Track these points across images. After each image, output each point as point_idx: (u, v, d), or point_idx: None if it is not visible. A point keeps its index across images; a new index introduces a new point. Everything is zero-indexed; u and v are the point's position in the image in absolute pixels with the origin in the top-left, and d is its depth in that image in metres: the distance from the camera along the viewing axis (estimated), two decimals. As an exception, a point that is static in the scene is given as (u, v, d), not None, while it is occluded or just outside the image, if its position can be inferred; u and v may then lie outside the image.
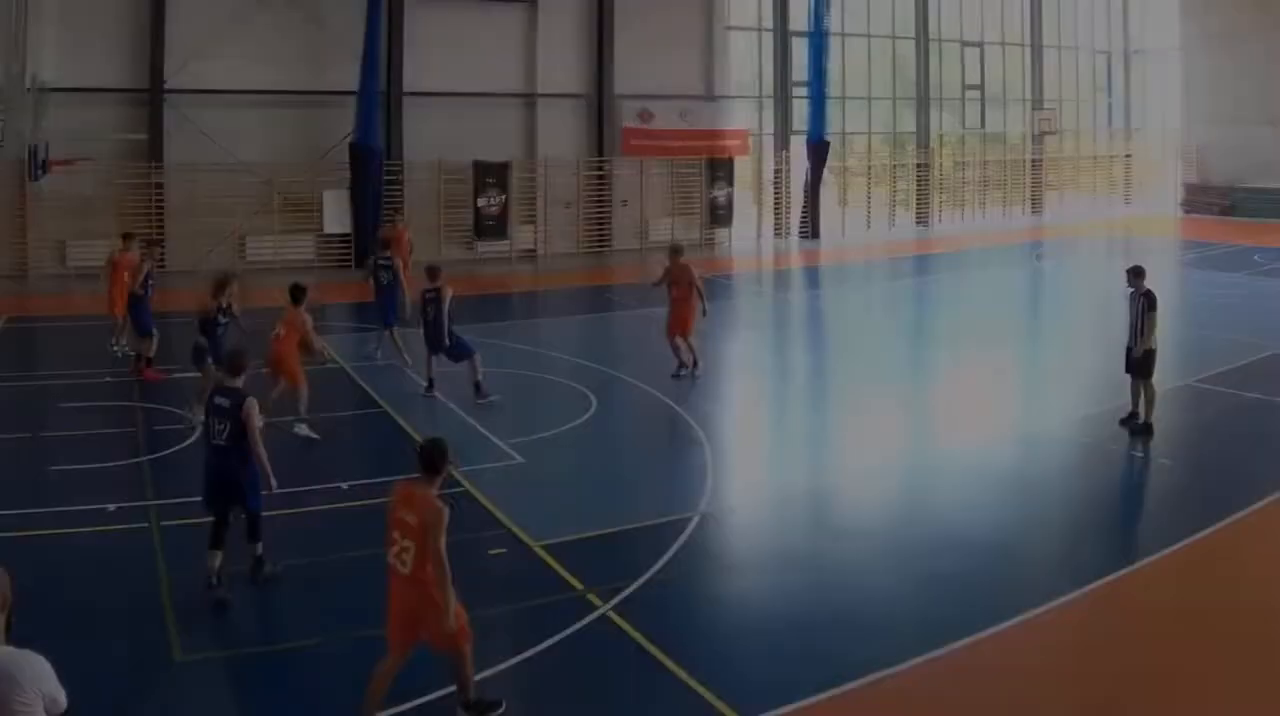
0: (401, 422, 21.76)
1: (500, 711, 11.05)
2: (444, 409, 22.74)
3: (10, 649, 6.58)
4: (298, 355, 20.90)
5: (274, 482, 14.10)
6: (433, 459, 10.76)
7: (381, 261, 27.49)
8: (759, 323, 35.55)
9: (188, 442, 19.55)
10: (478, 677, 11.09)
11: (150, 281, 25.93)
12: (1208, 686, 11.90)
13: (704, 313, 25.25)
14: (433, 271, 23.85)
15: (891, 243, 54.82)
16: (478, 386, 23.01)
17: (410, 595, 10.53)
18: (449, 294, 23.33)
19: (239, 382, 14.29)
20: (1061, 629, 13.24)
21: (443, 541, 10.31)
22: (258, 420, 13.98)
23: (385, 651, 10.64)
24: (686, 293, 25.04)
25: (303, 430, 20.44)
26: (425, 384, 23.66)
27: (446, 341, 23.28)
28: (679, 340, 25.08)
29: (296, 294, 21.20)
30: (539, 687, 11.84)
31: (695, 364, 25.17)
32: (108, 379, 24.70)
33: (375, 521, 14.71)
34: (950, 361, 29.17)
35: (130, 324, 26.19)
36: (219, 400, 14.13)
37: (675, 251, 26.22)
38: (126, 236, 28.18)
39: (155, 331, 25.51)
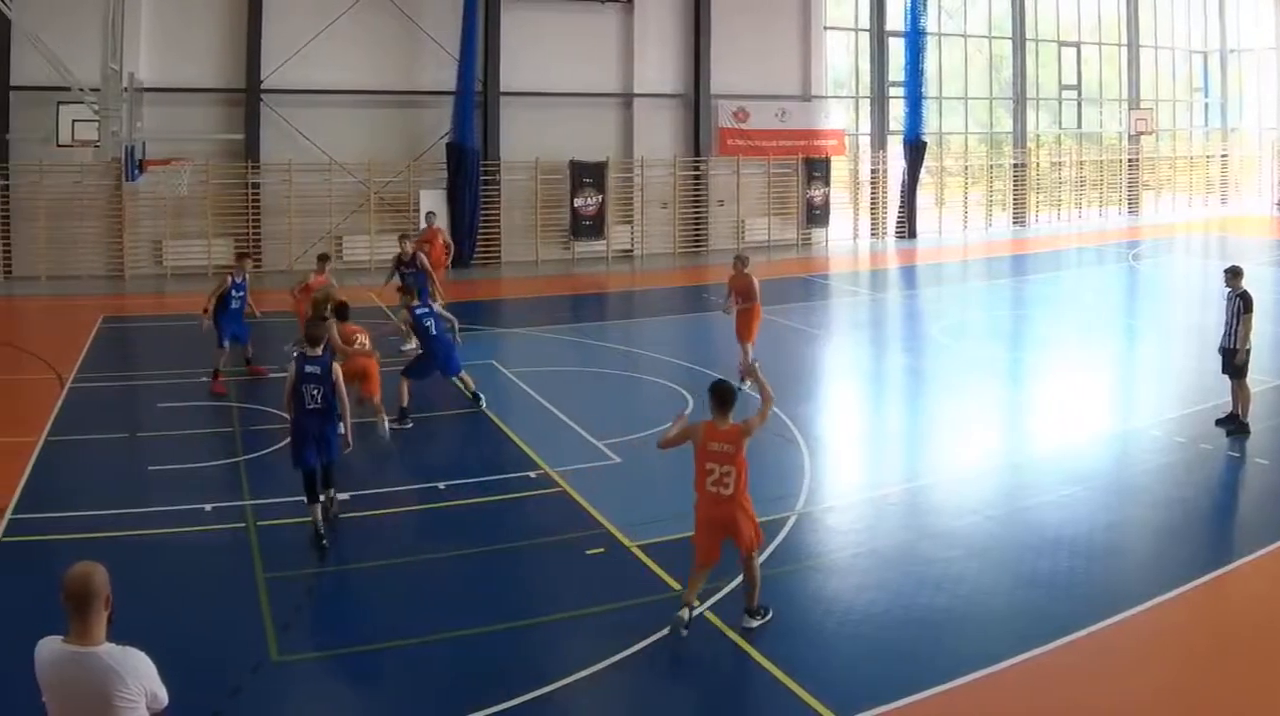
0: (499, 423, 20.79)
1: (769, 617, 12.46)
2: (539, 408, 21.94)
3: (113, 646, 6.42)
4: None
5: (350, 439, 15.49)
6: (727, 396, 12.53)
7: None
8: (855, 323, 33.91)
9: (284, 443, 18.03)
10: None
11: (239, 293, 24.14)
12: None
13: (725, 311, 24.33)
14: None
15: (988, 243, 52.60)
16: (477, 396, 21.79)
17: (728, 510, 12.19)
18: None
19: (319, 351, 15.20)
20: (1158, 630, 12.69)
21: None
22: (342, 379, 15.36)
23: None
24: (749, 302, 23.71)
25: (386, 426, 19.28)
26: (473, 396, 21.87)
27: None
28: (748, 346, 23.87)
29: (341, 312, 19.84)
30: (636, 687, 11.51)
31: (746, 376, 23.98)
32: (204, 379, 23.65)
33: (473, 521, 15.74)
34: (1046, 360, 27.84)
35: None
36: (309, 368, 15.04)
37: (739, 261, 24.42)
38: (323, 258, 26.15)
39: (227, 346, 23.73)
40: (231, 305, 23.89)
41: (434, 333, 21.20)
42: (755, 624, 12.32)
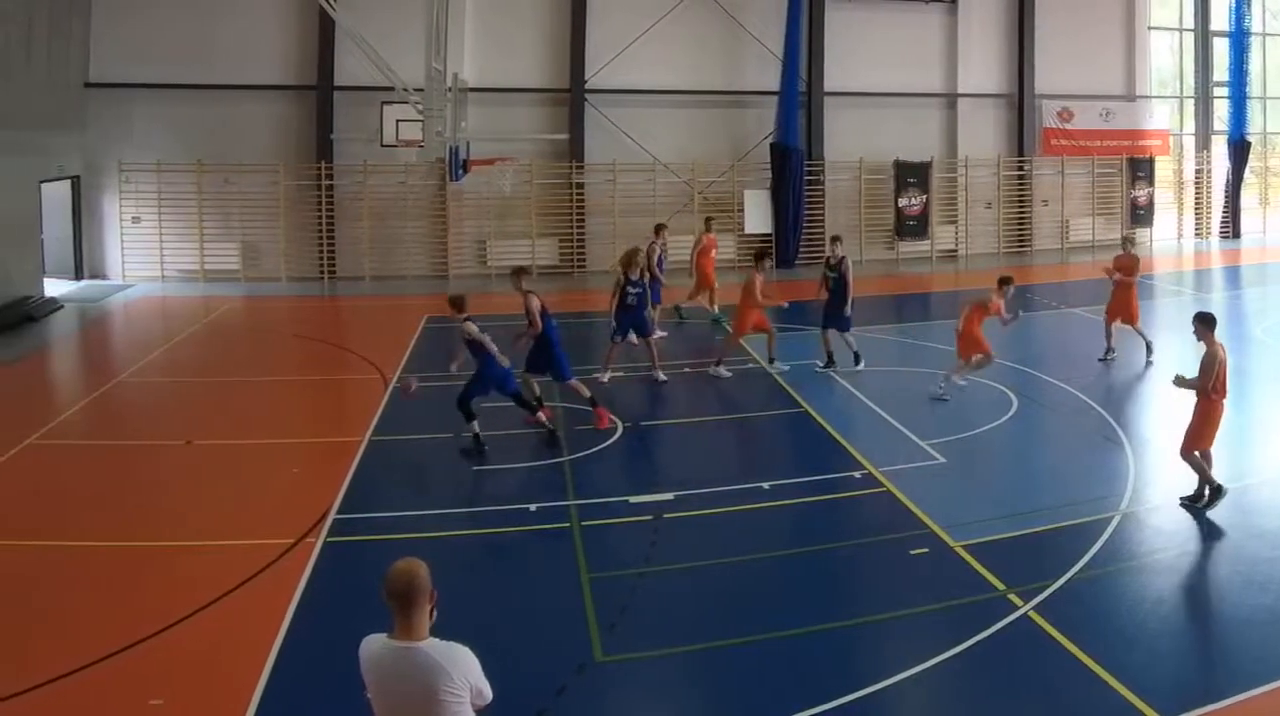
0: (823, 423, 17.78)
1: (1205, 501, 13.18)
2: (864, 408, 18.83)
3: (437, 641, 5.72)
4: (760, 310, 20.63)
5: (501, 357, 15.91)
6: (1210, 319, 13.34)
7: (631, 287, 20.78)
8: (1179, 322, 26.19)
9: (608, 443, 16.72)
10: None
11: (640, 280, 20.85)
12: None
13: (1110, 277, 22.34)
14: (837, 239, 21.80)
15: (1313, 244, 42.88)
16: (857, 355, 21.05)
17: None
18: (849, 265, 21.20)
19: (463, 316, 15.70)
20: None
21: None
22: (479, 333, 15.70)
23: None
24: (1130, 281, 21.78)
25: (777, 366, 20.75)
26: (825, 362, 21.06)
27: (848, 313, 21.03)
28: (1119, 326, 21.95)
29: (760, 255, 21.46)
30: (961, 686, 9.57)
31: (1149, 350, 21.96)
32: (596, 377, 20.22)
33: (797, 521, 13.77)
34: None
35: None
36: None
37: (1127, 241, 23.25)
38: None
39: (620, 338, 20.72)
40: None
41: (629, 302, 20.40)
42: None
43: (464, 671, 5.69)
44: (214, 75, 31.54)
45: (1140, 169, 40.88)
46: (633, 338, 20.52)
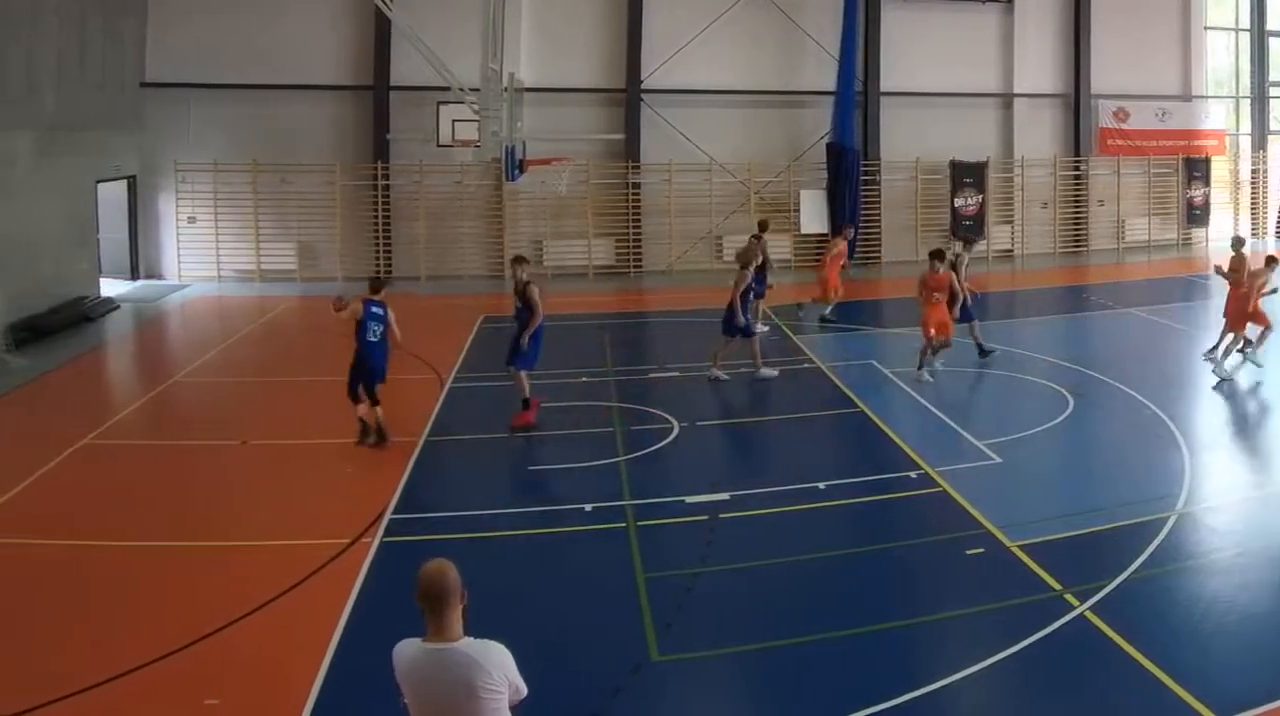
0: (879, 422, 17.38)
1: None
2: (919, 407, 18.38)
3: (471, 639, 5.63)
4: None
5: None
6: None
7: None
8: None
9: (664, 443, 16.26)
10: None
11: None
12: None
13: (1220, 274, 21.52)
14: (969, 242, 22.20)
15: (1369, 244, 41.07)
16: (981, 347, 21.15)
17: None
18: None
19: (381, 297, 16.02)
20: None
21: None
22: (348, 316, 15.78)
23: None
24: (1240, 284, 20.71)
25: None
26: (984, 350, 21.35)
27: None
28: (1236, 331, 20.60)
29: (937, 256, 20.18)
30: (1017, 686, 9.45)
31: (1256, 341, 20.68)
32: (584, 379, 20.23)
33: (853, 521, 13.53)
34: None
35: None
36: (374, 309, 15.74)
37: (1237, 243, 22.25)
38: (937, 254, 21.08)
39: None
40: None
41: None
42: None
43: (501, 668, 5.62)
44: (270, 75, 30.89)
45: (1196, 169, 39.55)
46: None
